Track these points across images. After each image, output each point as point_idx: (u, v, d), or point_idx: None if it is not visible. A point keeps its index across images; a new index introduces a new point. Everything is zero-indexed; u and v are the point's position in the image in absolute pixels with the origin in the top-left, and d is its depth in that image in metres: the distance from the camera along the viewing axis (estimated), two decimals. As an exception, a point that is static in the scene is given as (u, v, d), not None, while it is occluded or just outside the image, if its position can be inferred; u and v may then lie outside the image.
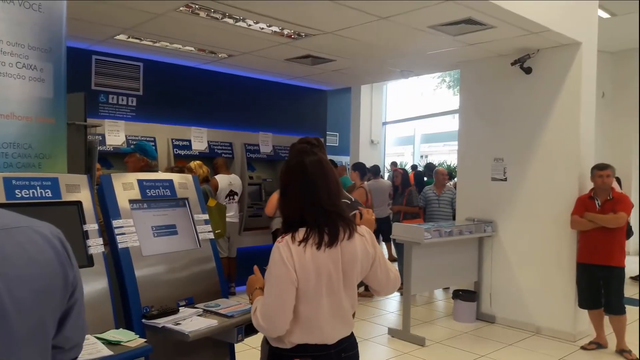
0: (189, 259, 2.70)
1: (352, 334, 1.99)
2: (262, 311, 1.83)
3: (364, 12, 4.32)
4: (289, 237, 1.84)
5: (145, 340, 2.11)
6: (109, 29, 5.10)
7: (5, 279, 0.84)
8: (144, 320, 2.37)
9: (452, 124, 13.16)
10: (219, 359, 2.75)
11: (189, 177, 2.93)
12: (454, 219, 6.54)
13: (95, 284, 2.29)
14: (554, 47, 5.21)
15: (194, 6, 4.33)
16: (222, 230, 5.84)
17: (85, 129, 2.94)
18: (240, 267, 6.32)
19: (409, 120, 15.17)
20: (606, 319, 4.81)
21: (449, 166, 13.78)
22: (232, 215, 6.27)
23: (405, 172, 8.04)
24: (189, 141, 6.38)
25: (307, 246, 1.81)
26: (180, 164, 5.75)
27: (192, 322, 2.34)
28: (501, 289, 5.65)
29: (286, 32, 5.02)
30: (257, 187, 7.01)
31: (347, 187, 6.85)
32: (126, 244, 2.46)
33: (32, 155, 2.38)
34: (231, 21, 4.71)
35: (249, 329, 2.43)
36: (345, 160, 12.51)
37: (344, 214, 1.93)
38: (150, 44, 5.58)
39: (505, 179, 5.65)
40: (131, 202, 2.58)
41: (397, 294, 6.69)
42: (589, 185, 4.86)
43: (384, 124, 13.45)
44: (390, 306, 6.31)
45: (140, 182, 2.66)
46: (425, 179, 8.88)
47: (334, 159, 11.51)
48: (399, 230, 5.36)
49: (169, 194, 2.75)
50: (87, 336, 1.99)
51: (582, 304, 4.85)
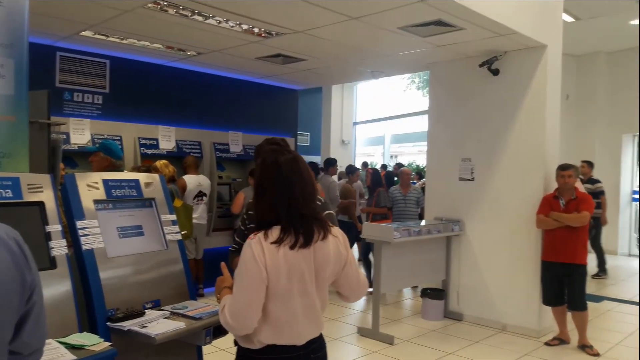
0: (156, 260, 2.65)
1: (320, 334, 1.99)
2: (231, 309, 1.81)
3: (334, 12, 4.33)
4: (261, 235, 1.82)
5: (110, 343, 2.06)
6: (74, 25, 4.97)
7: None
8: (109, 323, 2.32)
9: (421, 124, 13.31)
10: (187, 361, 2.71)
11: (156, 176, 2.88)
12: (420, 218, 6.62)
13: (58, 287, 2.22)
14: (521, 49, 5.31)
15: (162, 3, 4.26)
16: (189, 231, 5.76)
17: (48, 127, 2.85)
18: (209, 269, 6.25)
19: (379, 120, 15.30)
20: (569, 315, 4.94)
21: (418, 166, 13.95)
22: (199, 216, 6.19)
23: (375, 172, 8.08)
24: (157, 140, 6.28)
25: (281, 246, 1.80)
26: (147, 163, 5.64)
27: (158, 324, 2.30)
28: (468, 287, 5.74)
29: (256, 30, 4.99)
30: (227, 187, 6.94)
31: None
32: (91, 246, 2.40)
33: (-8, 154, 2.30)
34: (200, 18, 4.65)
35: (218, 331, 2.40)
36: (316, 160, 12.54)
37: (318, 215, 1.92)
38: (117, 40, 5.47)
39: (472, 179, 5.74)
40: (96, 202, 2.51)
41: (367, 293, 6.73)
42: (554, 185, 4.98)
43: (355, 124, 13.53)
44: (359, 305, 6.34)
45: (105, 181, 2.60)
46: (395, 179, 8.94)
47: (305, 159, 11.56)
48: (369, 230, 5.39)
49: (135, 194, 2.69)
50: (49, 341, 1.93)
51: (546, 301, 4.97)
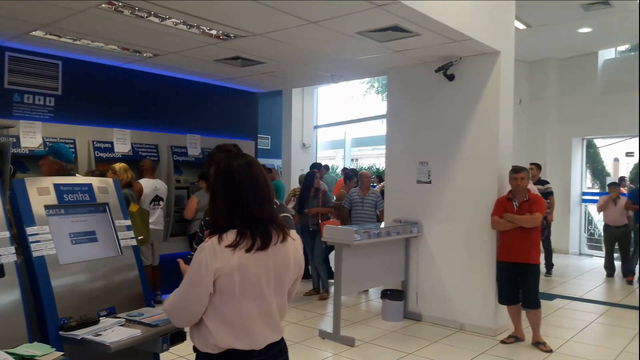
0: (110, 267, 2.59)
1: (282, 339, 1.98)
2: (170, 301, 1.88)
3: (293, 15, 4.34)
4: (215, 239, 1.80)
5: (62, 353, 2.01)
6: (24, 25, 4.80)
7: None
8: (61, 332, 2.25)
9: (381, 128, 13.47)
10: (144, 369, 2.66)
11: (110, 181, 2.81)
12: (378, 221, 6.70)
13: (6, 296, 2.15)
14: (475, 55, 5.46)
15: (117, 4, 4.17)
16: (145, 236, 5.65)
17: (-5, 130, 2.75)
18: (166, 275, 6.14)
19: (339, 124, 15.38)
20: (523, 313, 5.09)
21: (378, 169, 14.11)
22: (155, 221, 6.07)
23: (326, 169, 8.12)
24: (111, 143, 6.13)
25: (236, 249, 1.79)
26: (101, 167, 5.51)
27: (113, 332, 2.25)
28: (427, 288, 5.84)
29: (214, 32, 4.94)
30: (185, 191, 6.83)
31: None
32: (41, 252, 2.33)
33: None
34: (157, 20, 4.57)
35: (175, 338, 2.37)
36: (277, 163, 12.50)
37: (275, 218, 1.92)
38: (70, 41, 5.31)
39: (429, 182, 5.85)
40: (47, 207, 2.44)
41: (330, 296, 6.76)
42: (508, 187, 5.13)
43: (316, 127, 13.57)
44: (321, 308, 6.36)
45: (56, 186, 2.53)
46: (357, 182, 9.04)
47: (265, 162, 11.49)
48: (330, 232, 5.41)
49: (88, 199, 2.62)
50: (-4, 352, 1.86)
51: (502, 300, 5.11)
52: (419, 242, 5.92)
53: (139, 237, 5.34)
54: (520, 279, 4.95)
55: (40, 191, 2.45)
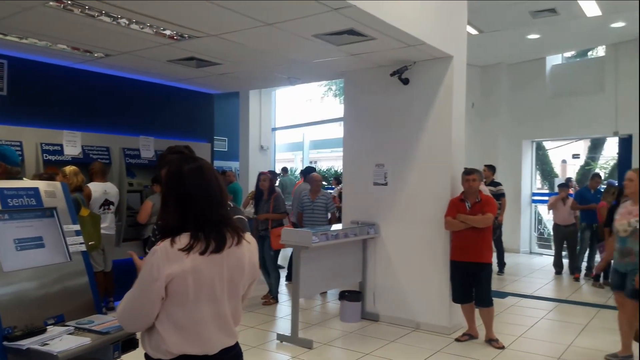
0: (58, 273, 2.50)
1: (236, 343, 1.96)
2: (122, 306, 1.83)
3: (249, 17, 4.31)
4: (167, 242, 1.77)
5: (5, 365, 1.92)
6: (-36, 21, 4.59)
7: None
8: (5, 342, 2.16)
9: (339, 131, 13.56)
10: (94, 378, 2.58)
11: (57, 184, 2.71)
12: (330, 223, 6.73)
13: (-56, 306, 2.04)
14: (429, 59, 5.57)
15: (66, 2, 4.03)
16: (97, 241, 5.49)
17: None
18: (119, 281, 5.97)
19: (297, 126, 15.41)
20: (477, 311, 5.22)
21: (336, 172, 14.20)
22: (107, 226, 5.90)
23: (274, 176, 8.06)
24: (61, 146, 5.93)
25: (190, 252, 1.76)
26: (50, 170, 5.31)
27: (61, 341, 2.18)
28: (384, 288, 5.91)
29: (168, 33, 4.85)
30: (138, 195, 6.67)
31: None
32: (-17, 260, 2.22)
33: None
34: (108, 19, 4.45)
35: (127, 345, 2.31)
36: (234, 165, 12.39)
37: (229, 221, 1.90)
38: (16, 39, 5.10)
39: (386, 184, 5.93)
40: (-11, 213, 2.33)
41: (287, 299, 6.74)
42: (461, 188, 5.25)
43: (274, 129, 13.53)
44: (279, 312, 6.33)
45: (0, 190, 2.42)
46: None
47: (222, 164, 11.37)
48: (287, 235, 5.40)
49: (35, 204, 2.52)
50: None
51: (456, 298, 5.23)
52: (376, 243, 5.98)
53: (89, 243, 5.20)
54: (473, 278, 5.07)
55: (-18, 196, 2.34)
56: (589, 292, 7.68)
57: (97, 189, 5.83)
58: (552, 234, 9.76)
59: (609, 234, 7.28)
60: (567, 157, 14.39)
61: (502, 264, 8.77)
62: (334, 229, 5.84)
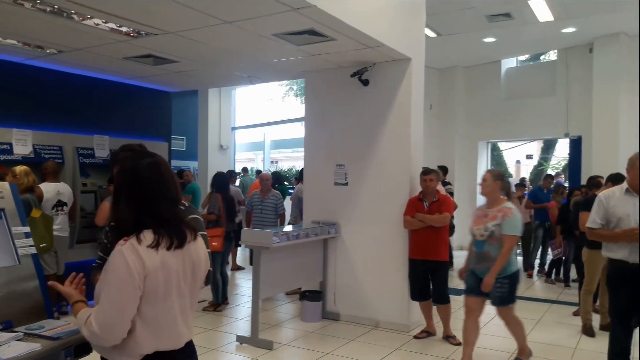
0: (7, 277, 2.40)
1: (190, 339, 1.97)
2: (99, 319, 1.70)
3: (208, 15, 4.25)
4: (133, 240, 1.73)
5: (-52, 374, 1.83)
6: None
7: None
8: (-52, 351, 2.05)
9: (300, 131, 13.56)
10: (45, 386, 2.49)
11: (5, 185, 2.61)
12: (280, 224, 6.72)
13: None
14: (388, 61, 5.63)
15: (15, -5, 3.88)
16: (49, 243, 5.31)
17: None
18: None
19: (258, 126, 15.32)
20: (434, 308, 5.32)
21: (297, 171, 14.17)
22: (59, 228, 5.70)
23: (230, 175, 7.98)
24: (10, 145, 5.70)
25: (159, 248, 1.74)
26: (-1, 170, 5.10)
27: (10, 348, 2.09)
28: (344, 287, 5.94)
29: (125, 29, 4.73)
30: (92, 195, 6.48)
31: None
32: None
33: None
34: (61, 15, 4.30)
35: (80, 350, 2.24)
36: (193, 165, 12.20)
37: (183, 220, 1.89)
38: (-40, 33, 4.89)
39: (346, 184, 5.97)
40: None
41: (248, 300, 6.68)
42: (419, 188, 5.33)
43: (234, 129, 13.40)
44: (239, 313, 6.28)
45: (-58, 191, 2.31)
46: (276, 185, 9.00)
47: (180, 164, 11.19)
48: (248, 235, 5.36)
49: (-19, 205, 2.42)
50: None
51: (414, 296, 5.31)
52: (336, 243, 6.01)
53: (41, 245, 5.02)
54: (430, 276, 5.16)
55: None
56: (541, 288, 7.94)
57: (49, 189, 5.63)
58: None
59: (559, 232, 7.61)
60: (521, 157, 14.86)
61: (450, 262, 8.95)
62: (294, 229, 5.83)
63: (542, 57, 13.15)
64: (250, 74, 6.73)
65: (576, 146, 10.43)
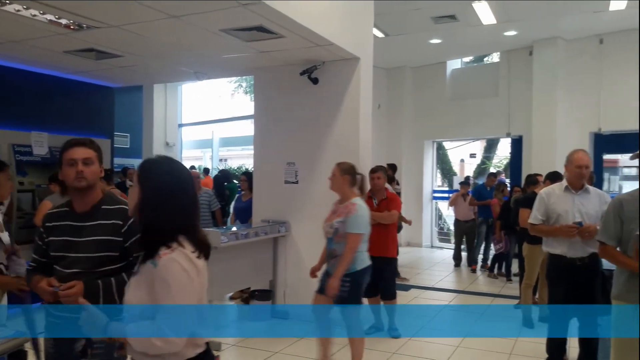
0: None
1: None
2: (173, 326, 1.65)
3: (153, 8, 4.12)
4: (177, 247, 1.71)
5: None
6: None
7: None
8: None
9: (250, 128, 13.42)
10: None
11: None
12: (215, 223, 6.65)
13: None
14: (337, 60, 5.65)
15: (-59, -20, 3.64)
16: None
17: None
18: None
19: (206, 123, 15.04)
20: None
21: (247, 170, 14.03)
22: None
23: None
24: None
25: (200, 254, 1.78)
26: None
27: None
28: (294, 286, 5.93)
29: (64, 22, 4.53)
30: (30, 195, 6.17)
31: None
32: None
33: None
34: (-6, 3, 4.07)
35: (14, 358, 2.13)
36: (137, 163, 11.84)
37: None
38: None
39: (297, 182, 5.96)
40: None
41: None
42: (368, 186, 5.38)
43: (180, 125, 13.11)
44: (186, 313, 6.15)
45: None
46: (225, 183, 8.94)
47: (124, 162, 10.85)
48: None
49: None
50: None
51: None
52: (287, 241, 5.99)
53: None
54: (378, 272, 5.22)
55: None
56: (484, 283, 8.21)
57: (-20, 188, 5.32)
58: (452, 229, 10.34)
59: (499, 227, 7.90)
60: (465, 156, 15.31)
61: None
62: (245, 228, 5.77)
63: (486, 59, 13.60)
64: (197, 69, 6.60)
65: (517, 145, 10.85)
